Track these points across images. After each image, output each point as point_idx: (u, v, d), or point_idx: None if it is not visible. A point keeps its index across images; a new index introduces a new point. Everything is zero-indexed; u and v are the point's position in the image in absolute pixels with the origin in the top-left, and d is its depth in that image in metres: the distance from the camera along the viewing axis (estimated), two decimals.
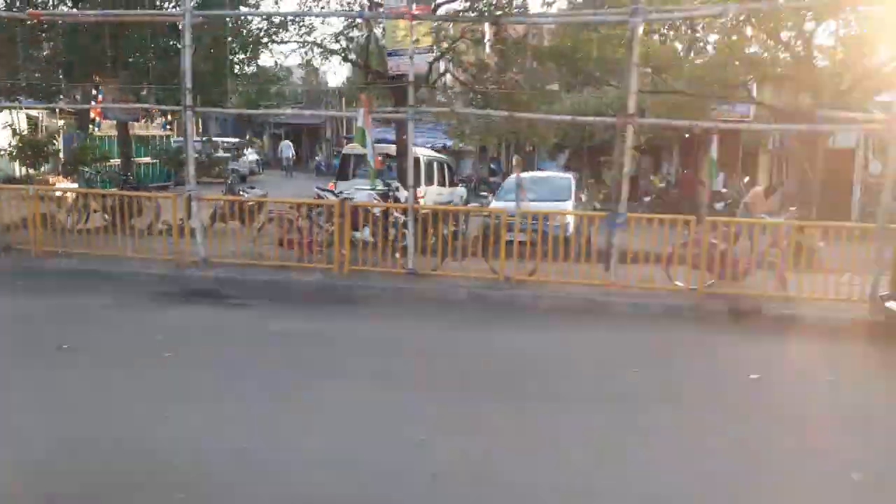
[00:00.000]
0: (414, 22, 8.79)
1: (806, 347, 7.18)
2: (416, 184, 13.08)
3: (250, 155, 29.40)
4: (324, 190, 12.29)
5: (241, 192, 12.72)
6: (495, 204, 13.25)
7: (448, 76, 13.63)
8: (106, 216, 10.28)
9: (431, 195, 13.17)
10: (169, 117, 30.27)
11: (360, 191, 11.55)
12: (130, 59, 12.45)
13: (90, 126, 18.04)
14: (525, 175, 14.42)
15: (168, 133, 28.01)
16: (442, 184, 14.35)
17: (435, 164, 14.03)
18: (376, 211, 9.85)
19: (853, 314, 7.96)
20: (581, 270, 8.90)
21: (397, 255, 9.36)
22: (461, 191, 16.35)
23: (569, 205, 12.73)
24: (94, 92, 12.33)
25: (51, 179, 16.74)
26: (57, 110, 17.07)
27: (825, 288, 8.36)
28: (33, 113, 16.56)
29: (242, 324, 7.58)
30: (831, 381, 6.13)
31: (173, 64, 10.92)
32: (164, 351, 6.15)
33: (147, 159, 21.04)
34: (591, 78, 14.67)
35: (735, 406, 5.41)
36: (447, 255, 9.35)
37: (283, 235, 9.56)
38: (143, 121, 24.56)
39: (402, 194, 10.81)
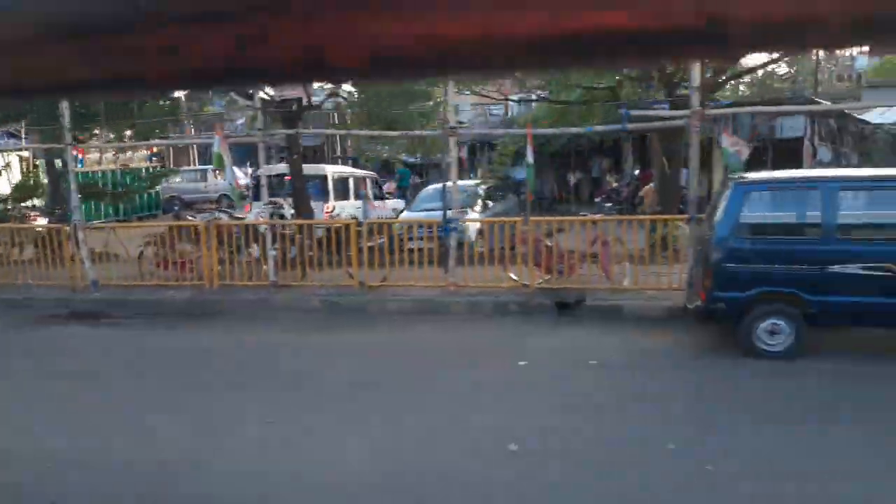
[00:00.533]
0: None
1: (602, 336, 7.56)
2: (325, 199, 13.77)
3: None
4: (224, 211, 12.97)
5: (187, 217, 13.41)
6: (406, 214, 13.80)
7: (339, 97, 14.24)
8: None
9: (348, 209, 13.73)
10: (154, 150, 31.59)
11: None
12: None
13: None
14: (435, 186, 15.03)
15: (154, 164, 29.13)
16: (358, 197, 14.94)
17: (351, 180, 14.62)
18: (261, 228, 10.46)
19: (671, 303, 8.26)
20: (434, 274, 9.37)
21: (289, 268, 9.95)
22: (393, 203, 16.86)
23: (476, 212, 13.18)
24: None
25: None
26: None
27: (657, 279, 8.69)
28: None
29: (109, 338, 8.32)
30: (592, 366, 6.51)
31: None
32: (30, 364, 6.93)
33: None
34: None
35: (460, 392, 5.86)
36: (313, 267, 9.91)
37: (163, 257, 10.23)
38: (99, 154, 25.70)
39: (288, 212, 11.41)
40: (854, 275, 6.18)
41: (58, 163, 13.84)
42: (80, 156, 26.67)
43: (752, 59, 12.53)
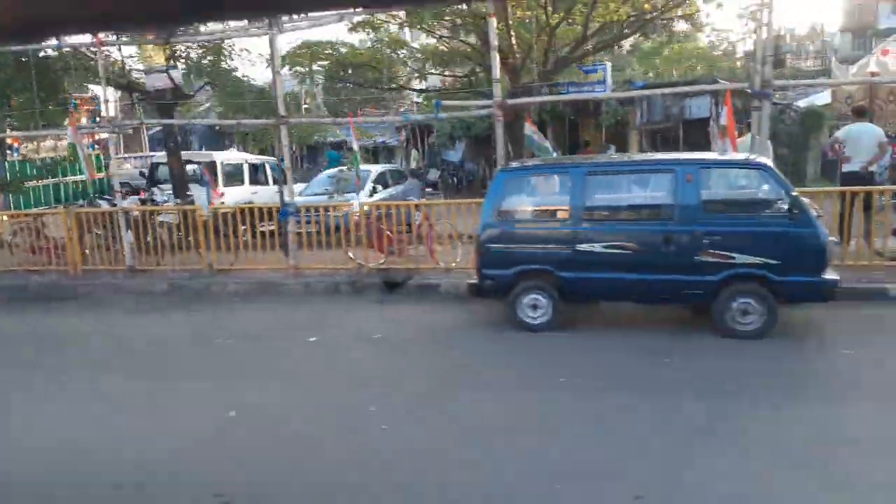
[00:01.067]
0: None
1: (407, 312, 8.13)
2: (215, 185, 14.18)
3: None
4: (102, 198, 13.41)
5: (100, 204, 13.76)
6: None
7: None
8: None
9: (238, 196, 14.16)
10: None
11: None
12: None
13: None
14: (328, 172, 15.49)
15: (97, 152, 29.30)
16: (258, 184, 15.36)
17: (246, 167, 15.05)
18: (135, 214, 10.91)
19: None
20: (277, 258, 9.89)
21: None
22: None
23: (362, 196, 13.65)
24: None
25: None
26: None
27: None
28: None
29: None
30: (374, 339, 7.07)
31: None
32: None
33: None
34: None
35: (228, 366, 6.41)
36: (174, 251, 10.41)
37: (32, 243, 10.69)
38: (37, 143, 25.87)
39: (160, 198, 11.85)
40: (599, 253, 6.73)
41: None
42: (15, 144, 26.84)
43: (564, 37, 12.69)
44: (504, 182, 7.14)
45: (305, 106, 18.31)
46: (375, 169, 15.21)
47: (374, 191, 14.59)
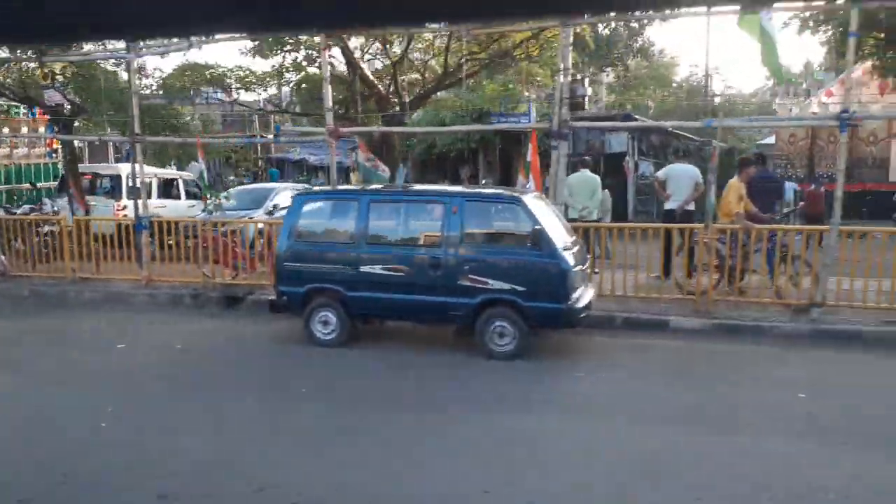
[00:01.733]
0: None
1: (228, 325, 8.66)
2: (118, 197, 14.71)
3: None
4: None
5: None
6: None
7: None
8: None
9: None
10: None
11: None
12: None
13: None
14: (246, 187, 16.02)
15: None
16: (170, 198, 15.86)
17: (155, 181, 15.60)
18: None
19: None
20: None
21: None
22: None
23: (259, 212, 14.18)
24: None
25: None
26: None
27: None
28: None
29: None
30: (175, 349, 7.59)
31: None
32: None
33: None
34: None
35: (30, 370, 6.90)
36: (50, 260, 10.94)
37: None
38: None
39: (49, 208, 12.39)
40: (379, 274, 7.28)
41: None
42: None
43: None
44: (300, 205, 7.71)
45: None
46: (280, 187, 15.75)
47: (274, 209, 15.16)
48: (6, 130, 19.57)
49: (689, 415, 5.49)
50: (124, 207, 14.34)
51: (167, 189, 16.15)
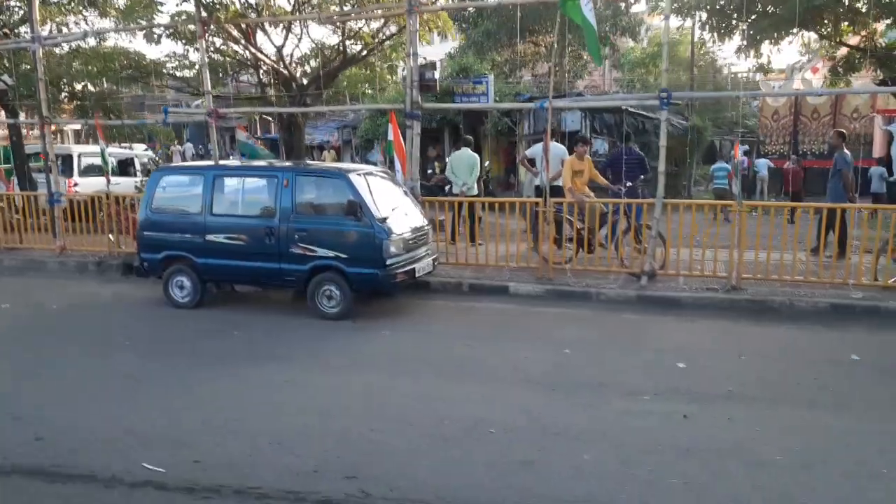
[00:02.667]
0: None
1: (109, 288, 9.39)
2: (71, 175, 15.52)
3: None
4: None
5: None
6: None
7: None
8: None
9: (95, 186, 15.40)
10: None
11: None
12: None
13: None
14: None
15: None
16: (127, 175, 16.63)
17: (111, 160, 16.38)
18: None
19: None
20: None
21: None
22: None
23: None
24: None
25: None
26: None
27: None
28: None
29: None
30: (50, 308, 8.36)
31: None
32: None
33: None
34: None
35: None
36: None
37: None
38: None
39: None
40: (222, 243, 7.93)
41: None
42: None
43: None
44: (158, 179, 8.38)
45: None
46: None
47: None
48: None
49: (448, 367, 6.05)
50: (76, 185, 15.18)
51: (124, 167, 16.96)
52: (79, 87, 14.39)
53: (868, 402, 5.24)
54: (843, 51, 16.66)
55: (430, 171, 24.02)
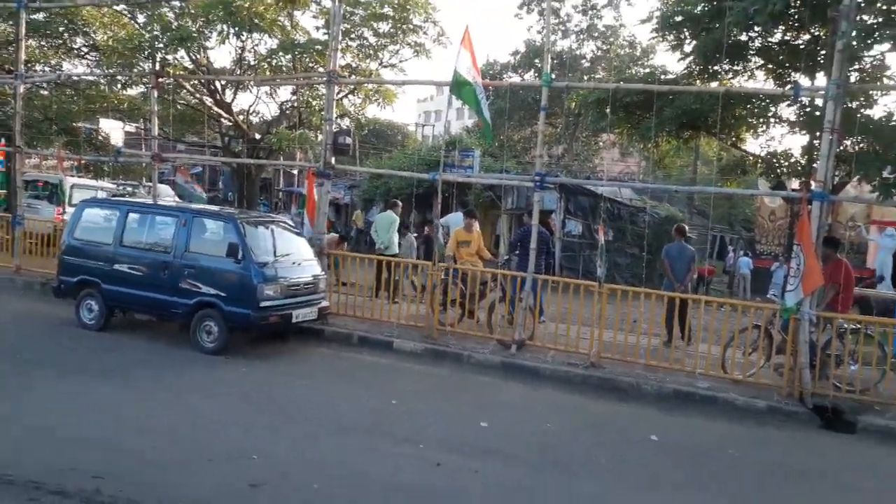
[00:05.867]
0: None
1: (27, 305, 10.09)
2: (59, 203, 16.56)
3: None
4: None
5: None
6: None
7: None
8: None
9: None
10: None
11: None
12: None
13: None
14: None
15: None
16: None
17: (101, 193, 17.51)
18: None
19: None
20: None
21: None
22: None
23: None
24: None
25: None
26: None
27: None
28: None
29: None
30: None
31: None
32: None
33: None
34: None
35: None
36: None
37: None
38: None
39: None
40: (126, 272, 8.63)
41: None
42: None
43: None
44: (82, 210, 9.21)
45: None
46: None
47: None
48: None
49: (266, 403, 6.55)
50: (63, 213, 16.22)
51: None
52: (78, 124, 15.59)
53: (624, 473, 5.55)
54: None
55: (414, 235, 24.93)
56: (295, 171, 29.56)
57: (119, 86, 12.69)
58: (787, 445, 6.78)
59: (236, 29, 13.66)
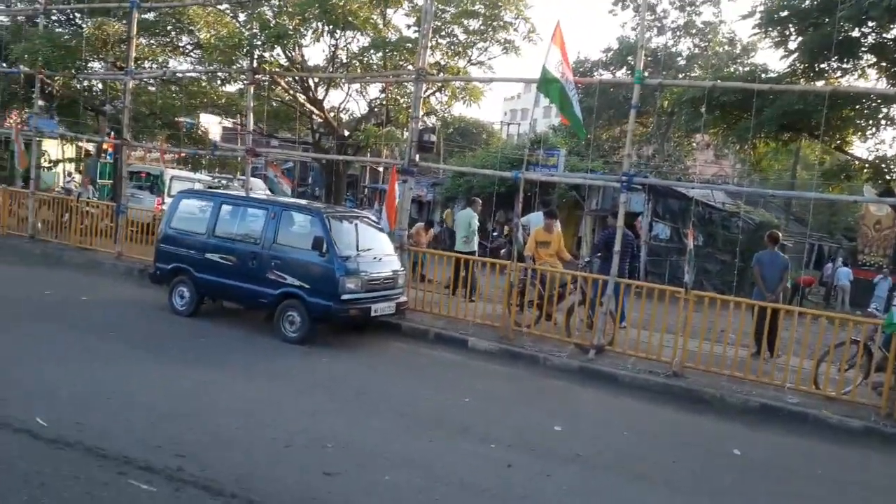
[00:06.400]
0: None
1: (130, 290, 10.73)
2: (160, 194, 17.52)
3: None
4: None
5: None
6: None
7: None
8: None
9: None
10: None
11: None
12: None
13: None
14: None
15: None
16: None
17: (199, 185, 18.40)
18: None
19: None
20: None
21: None
22: None
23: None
24: None
25: None
26: None
27: None
28: None
29: None
30: (83, 300, 9.77)
31: None
32: None
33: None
34: None
35: None
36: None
37: None
38: None
39: (81, 193, 15.37)
40: (217, 262, 9.05)
41: None
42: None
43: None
44: (179, 201, 9.70)
45: None
46: None
47: None
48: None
49: (347, 395, 6.71)
50: (163, 203, 17.15)
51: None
52: (179, 118, 16.47)
53: (706, 487, 5.37)
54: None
55: (495, 234, 24.93)
56: (381, 168, 30.10)
57: (219, 82, 13.34)
58: (886, 469, 6.36)
59: (330, 27, 14.11)
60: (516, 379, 8.07)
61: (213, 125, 19.35)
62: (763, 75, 12.63)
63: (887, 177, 10.70)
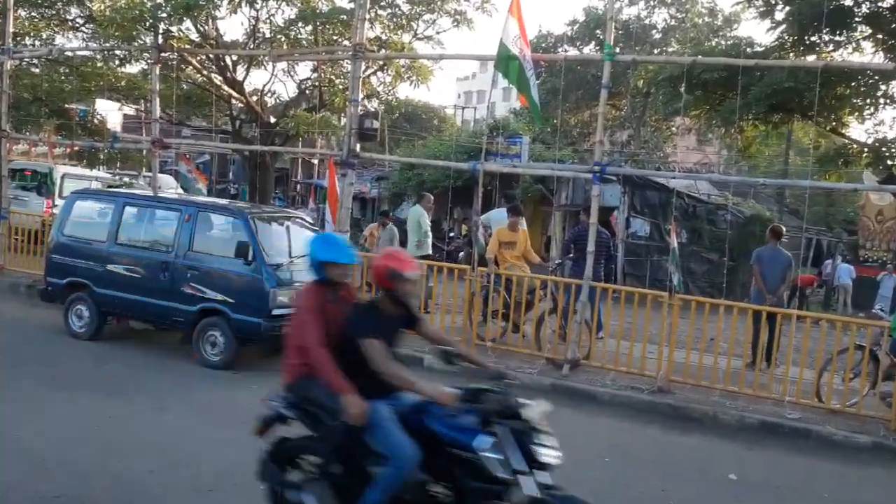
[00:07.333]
0: None
1: (22, 310, 10.40)
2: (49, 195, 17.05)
3: None
4: None
5: None
6: None
7: None
8: None
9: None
10: None
11: None
12: None
13: None
14: None
15: None
16: None
17: (96, 184, 17.98)
18: None
19: None
20: None
21: None
22: None
23: None
24: None
25: None
26: None
27: None
28: None
29: None
30: None
31: None
32: None
33: None
34: None
35: None
36: None
37: None
38: None
39: None
40: (121, 274, 8.83)
41: None
42: None
43: None
44: (72, 203, 9.44)
45: None
46: None
47: None
48: None
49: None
50: (54, 206, 16.66)
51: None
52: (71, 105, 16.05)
53: None
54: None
55: (452, 235, 25.04)
56: (315, 161, 29.88)
57: (117, 62, 13.05)
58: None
59: None
60: None
61: (111, 113, 19.05)
62: (748, 49, 12.98)
63: (889, 162, 11.12)
